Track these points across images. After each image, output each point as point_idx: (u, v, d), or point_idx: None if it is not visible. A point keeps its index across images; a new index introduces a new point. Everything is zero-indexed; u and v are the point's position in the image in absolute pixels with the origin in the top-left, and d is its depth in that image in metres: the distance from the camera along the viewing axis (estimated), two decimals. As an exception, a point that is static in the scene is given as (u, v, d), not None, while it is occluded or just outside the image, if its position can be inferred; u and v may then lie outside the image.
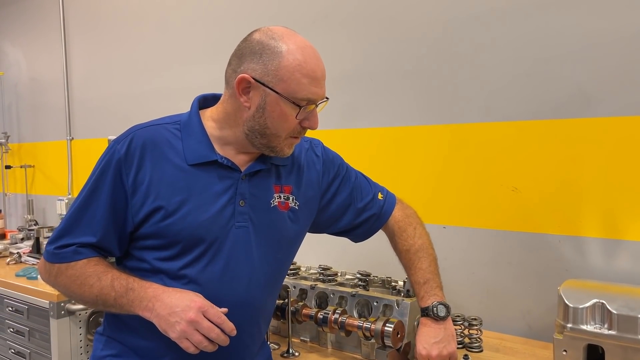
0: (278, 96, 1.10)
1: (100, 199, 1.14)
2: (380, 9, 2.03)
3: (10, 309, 2.40)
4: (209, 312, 1.04)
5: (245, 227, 1.18)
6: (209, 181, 1.16)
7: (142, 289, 1.08)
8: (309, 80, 1.11)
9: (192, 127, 1.19)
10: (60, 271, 1.14)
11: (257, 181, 1.22)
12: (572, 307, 1.37)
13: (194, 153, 1.16)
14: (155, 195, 1.13)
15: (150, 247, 1.15)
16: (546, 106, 1.69)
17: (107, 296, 1.09)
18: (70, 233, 1.15)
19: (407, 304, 1.48)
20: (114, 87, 3.09)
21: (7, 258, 2.78)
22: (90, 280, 1.11)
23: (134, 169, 1.13)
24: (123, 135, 1.17)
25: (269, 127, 1.13)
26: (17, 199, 3.84)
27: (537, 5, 1.69)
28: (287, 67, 1.09)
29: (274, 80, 1.09)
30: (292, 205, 1.27)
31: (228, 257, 1.16)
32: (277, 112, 1.11)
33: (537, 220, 1.72)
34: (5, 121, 3.87)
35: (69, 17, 3.40)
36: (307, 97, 1.11)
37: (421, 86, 1.94)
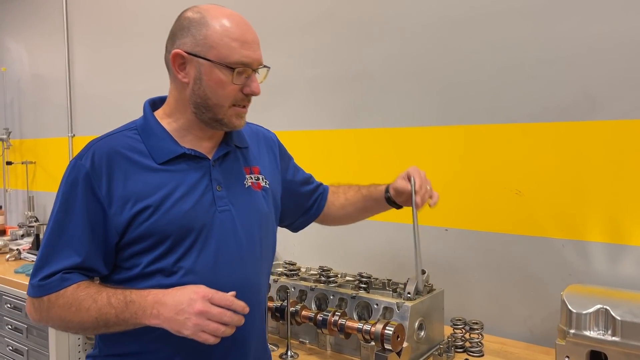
0: (211, 63, 1.12)
1: (75, 217, 1.10)
2: (385, 9, 2.01)
3: (8, 306, 2.39)
4: (214, 298, 1.03)
5: (228, 210, 1.20)
6: (183, 174, 1.17)
7: (142, 298, 1.06)
8: (238, 43, 1.13)
9: (151, 127, 1.20)
10: (50, 304, 1.09)
11: (227, 166, 1.25)
12: (575, 312, 1.35)
13: (161, 151, 1.17)
14: (135, 199, 1.12)
15: (141, 251, 1.13)
16: (551, 109, 1.67)
17: (108, 315, 1.05)
18: (51, 260, 1.10)
19: (407, 307, 1.47)
20: (116, 84, 3.08)
21: (7, 254, 2.77)
22: (86, 304, 1.06)
23: (105, 180, 1.12)
24: (83, 151, 1.16)
25: (210, 98, 1.15)
26: (18, 195, 3.84)
27: (543, 6, 1.67)
28: (215, 33, 1.12)
29: (205, 49, 1.12)
30: (263, 185, 1.31)
31: (218, 241, 1.18)
32: (214, 79, 1.13)
33: (541, 224, 1.70)
34: (7, 117, 3.87)
35: (72, 14, 3.39)
36: (239, 60, 1.13)
37: (425, 87, 1.93)
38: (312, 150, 2.25)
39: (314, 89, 2.24)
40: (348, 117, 2.14)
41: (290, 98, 2.33)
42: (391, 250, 2.04)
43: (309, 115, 2.27)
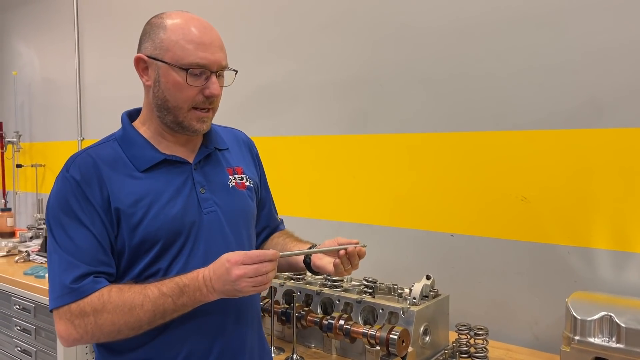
0: (167, 66, 1.14)
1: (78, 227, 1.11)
2: (391, 16, 2.03)
3: (17, 307, 2.42)
4: (245, 261, 1.06)
5: (214, 211, 1.21)
6: (166, 179, 1.19)
7: (194, 280, 1.08)
8: (194, 45, 1.13)
9: (130, 137, 1.22)
10: (97, 313, 1.07)
11: (209, 168, 1.26)
12: (580, 319, 1.36)
13: (142, 159, 1.19)
14: (122, 206, 1.13)
15: (134, 257, 1.15)
16: (557, 116, 1.68)
17: (165, 304, 1.07)
18: (73, 268, 1.09)
19: (413, 312, 1.47)
20: (126, 88, 3.11)
21: (16, 256, 2.80)
22: (138, 301, 1.07)
23: (96, 186, 1.13)
24: (67, 163, 1.17)
25: (169, 100, 1.16)
26: (27, 197, 3.87)
27: (550, 14, 1.68)
28: (170, 36, 1.14)
29: (161, 52, 1.14)
30: (247, 184, 1.32)
31: (206, 243, 1.19)
32: (170, 81, 1.14)
33: (546, 231, 1.71)
34: (17, 120, 3.91)
35: (82, 19, 3.43)
36: (194, 62, 1.13)
37: (432, 94, 1.94)
38: (319, 156, 2.27)
39: (321, 95, 2.26)
40: (355, 123, 2.15)
41: (298, 104, 2.35)
42: (397, 255, 2.05)
43: (316, 120, 2.28)
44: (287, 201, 2.34)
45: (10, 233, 3.23)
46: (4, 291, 2.48)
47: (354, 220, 2.17)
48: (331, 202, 2.24)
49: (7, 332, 2.50)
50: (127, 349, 1.18)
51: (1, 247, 2.91)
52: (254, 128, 2.42)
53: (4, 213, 3.24)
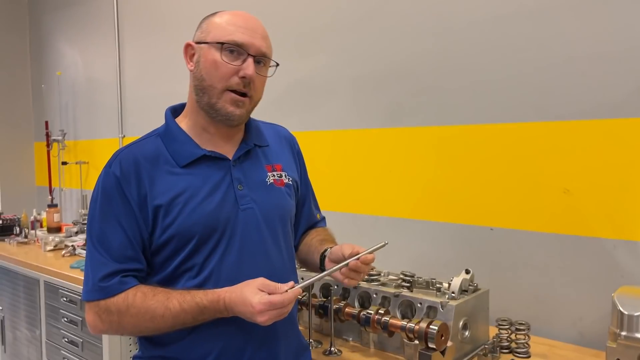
0: (207, 45, 1.19)
1: (114, 223, 1.15)
2: (428, 7, 2.00)
3: (64, 300, 2.50)
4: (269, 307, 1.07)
5: (251, 208, 1.23)
6: (205, 175, 1.21)
7: (214, 304, 1.11)
8: (235, 27, 1.18)
9: (172, 132, 1.24)
10: (121, 314, 1.13)
11: (248, 164, 1.28)
12: (627, 314, 1.32)
13: (183, 154, 1.21)
14: (159, 203, 1.16)
15: (170, 253, 1.18)
16: (602, 106, 1.62)
17: (185, 319, 1.12)
18: (103, 265, 1.15)
19: (452, 307, 1.45)
20: (164, 86, 3.17)
21: (63, 250, 2.90)
22: (159, 312, 1.11)
23: (134, 184, 1.16)
24: (111, 159, 1.21)
25: (205, 79, 1.19)
26: (72, 193, 4.01)
27: (593, 1, 1.62)
28: (216, 21, 1.21)
29: (205, 35, 1.21)
30: (286, 182, 1.33)
31: (242, 239, 1.21)
32: (209, 60, 1.18)
33: (590, 224, 1.65)
34: (62, 119, 4.04)
35: (123, 20, 3.52)
36: (231, 39, 1.17)
37: (470, 85, 1.90)
38: (356, 150, 2.26)
39: (357, 89, 2.25)
40: (392, 116, 2.14)
41: (334, 98, 2.34)
42: (435, 249, 2.02)
43: (352, 114, 2.27)
44: (323, 195, 2.33)
45: (57, 228, 3.34)
46: (51, 284, 2.58)
47: (392, 215, 2.16)
48: (368, 196, 2.23)
49: (55, 323, 2.59)
50: (167, 342, 1.21)
51: (49, 241, 3.01)
52: (290, 123, 2.42)
53: (51, 209, 3.35)
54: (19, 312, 2.89)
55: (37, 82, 4.37)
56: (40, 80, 4.31)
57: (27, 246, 3.17)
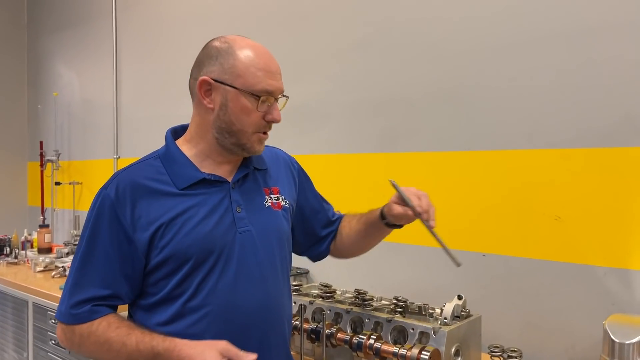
0: (237, 91, 1.17)
1: (101, 247, 1.16)
2: (422, 36, 2.04)
3: (53, 322, 2.47)
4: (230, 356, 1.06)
5: (249, 231, 1.23)
6: (203, 198, 1.21)
7: (168, 353, 1.09)
8: (263, 73, 1.18)
9: (172, 155, 1.25)
10: (83, 339, 1.15)
11: (247, 187, 1.28)
12: (618, 342, 1.32)
13: (182, 177, 1.21)
14: (158, 223, 1.16)
15: (165, 275, 1.17)
16: (592, 134, 1.65)
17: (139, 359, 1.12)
18: (80, 288, 1.16)
19: (444, 332, 1.45)
20: (161, 108, 3.20)
21: (53, 271, 2.87)
22: (116, 346, 1.12)
23: (129, 208, 1.16)
24: (108, 181, 1.22)
25: (235, 124, 1.19)
26: (65, 214, 3.98)
27: (583, 32, 1.66)
28: (242, 63, 1.18)
29: (232, 77, 1.17)
30: (283, 205, 1.34)
31: (239, 262, 1.20)
32: (239, 106, 1.18)
33: (581, 251, 1.67)
34: (57, 140, 4.05)
35: (121, 42, 3.55)
36: (264, 89, 1.18)
37: (463, 112, 1.93)
38: (350, 174, 2.28)
39: (352, 114, 2.27)
40: (386, 141, 2.16)
41: (328, 122, 2.37)
42: (428, 274, 2.02)
43: (347, 139, 2.29)
44: (317, 219, 2.34)
45: (48, 249, 3.32)
46: (40, 305, 2.55)
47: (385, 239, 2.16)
48: (361, 220, 2.23)
49: (43, 345, 2.55)
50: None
51: (39, 262, 2.99)
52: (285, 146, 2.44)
53: (42, 229, 3.33)
54: (6, 334, 2.85)
55: (33, 103, 4.38)
56: (36, 100, 4.33)
57: (17, 267, 3.15)
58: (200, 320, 1.17)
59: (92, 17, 3.78)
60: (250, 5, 2.70)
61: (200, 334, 1.16)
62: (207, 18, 2.92)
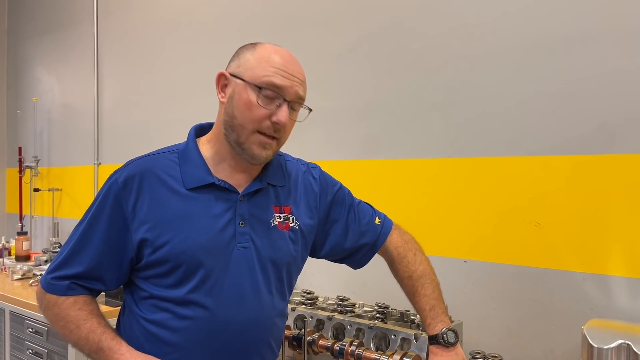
0: (244, 83, 1.14)
1: (98, 229, 1.16)
2: (405, 44, 2.06)
3: (30, 330, 2.43)
4: None
5: (248, 248, 1.18)
6: (208, 204, 1.17)
7: (110, 353, 1.11)
8: (275, 70, 1.13)
9: (189, 153, 1.21)
10: (48, 306, 1.18)
11: (256, 202, 1.22)
12: (596, 347, 1.33)
13: (192, 177, 1.18)
14: (155, 222, 1.14)
15: (153, 276, 1.16)
16: (571, 142, 1.68)
17: (84, 347, 1.15)
18: (67, 264, 1.17)
19: (425, 339, 1.46)
20: (142, 114, 3.17)
21: (31, 279, 2.82)
22: (70, 326, 1.15)
23: (133, 197, 1.15)
24: (121, 167, 1.20)
25: (236, 117, 1.14)
26: (44, 221, 3.92)
27: (559, 41, 1.69)
28: (256, 58, 1.15)
29: (243, 70, 1.15)
30: (292, 225, 1.26)
31: (232, 278, 1.16)
32: (243, 99, 1.13)
33: (561, 257, 1.69)
34: (36, 145, 3.99)
35: (102, 47, 3.52)
36: (270, 82, 1.12)
37: (445, 119, 1.95)
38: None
39: (335, 121, 2.28)
40: (368, 148, 2.17)
41: (311, 129, 2.37)
42: (409, 281, 2.03)
43: (329, 145, 2.30)
44: (299, 226, 2.34)
45: (26, 256, 3.26)
46: (17, 314, 2.50)
47: (367, 246, 2.17)
48: (343, 227, 2.23)
49: (20, 355, 2.50)
50: None
51: (16, 270, 2.93)
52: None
53: (20, 237, 3.27)
54: (-19, 343, 2.79)
55: (12, 108, 4.32)
56: (15, 105, 4.27)
57: (-6, 274, 3.09)
58: (185, 329, 1.14)
59: (73, 22, 3.74)
60: (232, 11, 2.69)
61: (182, 343, 1.15)
62: (188, 24, 2.91)
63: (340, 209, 1.38)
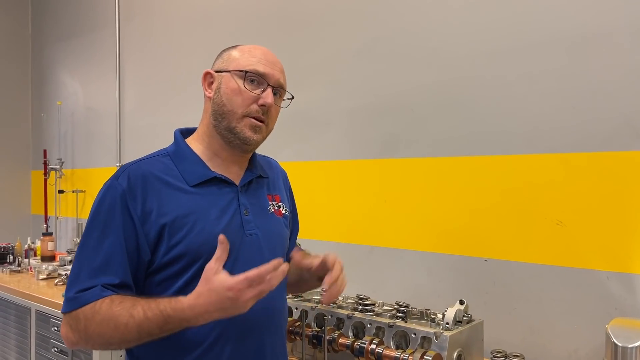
0: (229, 73, 1.23)
1: (113, 235, 1.13)
2: (423, 42, 2.05)
3: (55, 329, 2.47)
4: (250, 284, 1.02)
5: (255, 234, 1.25)
6: (213, 197, 1.22)
7: (179, 312, 1.04)
8: (257, 59, 1.23)
9: (182, 152, 1.26)
10: (87, 321, 1.08)
11: (253, 192, 1.30)
12: (621, 346, 1.31)
13: (193, 174, 1.22)
14: (168, 220, 1.15)
15: (173, 274, 1.16)
16: (593, 138, 1.65)
17: (150, 328, 1.05)
18: (89, 276, 1.11)
19: (446, 337, 1.45)
20: (163, 115, 3.21)
21: (56, 279, 2.88)
22: (123, 319, 1.06)
23: (140, 199, 1.15)
24: (118, 172, 1.20)
25: (225, 104, 1.22)
26: (68, 222, 4.00)
27: (580, 36, 1.67)
28: (238, 52, 1.26)
29: (227, 63, 1.25)
30: (284, 212, 1.37)
31: (246, 264, 1.16)
32: (230, 87, 1.22)
33: (583, 255, 1.66)
34: (60, 148, 4.06)
35: (123, 51, 3.58)
36: (254, 69, 1.22)
37: (463, 117, 1.94)
38: (351, 180, 2.28)
39: (353, 120, 2.28)
40: (387, 147, 2.16)
41: (330, 129, 2.38)
42: (430, 280, 2.02)
43: (348, 145, 2.30)
44: (319, 225, 2.35)
45: (51, 257, 3.32)
46: (43, 313, 2.55)
47: (387, 245, 2.17)
48: (363, 226, 2.23)
49: (45, 353, 2.55)
50: None
51: (42, 270, 2.99)
52: (286, 153, 2.46)
53: (45, 237, 3.33)
54: (9, 341, 2.85)
55: (37, 111, 4.41)
56: (40, 109, 4.36)
57: (20, 275, 3.16)
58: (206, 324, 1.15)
59: (95, 26, 3.81)
60: (250, 12, 2.71)
61: (203, 334, 1.16)
62: (208, 26, 2.94)
63: (295, 213, 1.50)
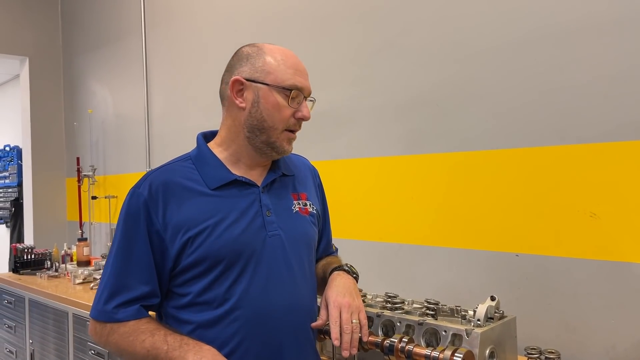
0: (269, 87, 1.21)
1: (140, 244, 1.17)
2: (447, 35, 2.02)
3: (92, 332, 2.52)
4: None
5: (278, 235, 1.24)
6: (234, 199, 1.23)
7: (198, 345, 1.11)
8: (293, 70, 1.23)
9: (204, 156, 1.27)
10: (112, 330, 1.16)
11: (276, 192, 1.30)
12: (660, 341, 1.27)
13: (214, 177, 1.23)
14: (189, 224, 1.17)
15: (194, 277, 1.18)
16: (626, 127, 1.60)
17: (159, 350, 1.11)
18: (124, 288, 1.17)
19: (477, 334, 1.42)
20: (190, 121, 3.26)
21: (91, 283, 2.94)
22: (143, 336, 1.13)
23: (161, 207, 1.18)
24: (140, 181, 1.23)
25: (266, 120, 1.21)
26: (101, 227, 4.09)
27: (611, 23, 1.62)
28: (272, 61, 1.22)
29: (263, 75, 1.21)
30: (311, 210, 1.35)
31: (269, 265, 1.21)
32: (271, 102, 1.21)
33: (619, 248, 1.61)
34: (92, 155, 4.16)
35: (150, 58, 3.64)
36: (294, 84, 1.22)
37: (490, 110, 1.90)
38: (378, 177, 2.27)
39: (379, 117, 2.27)
40: (413, 143, 2.14)
41: (355, 126, 2.37)
42: (459, 276, 1.99)
43: (374, 142, 2.29)
44: (347, 224, 2.34)
45: (86, 262, 3.40)
46: (80, 316, 2.61)
47: (415, 242, 2.15)
48: (392, 223, 2.22)
49: (83, 356, 2.61)
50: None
51: (78, 274, 3.06)
52: (314, 152, 2.46)
53: (80, 243, 3.41)
54: (48, 345, 2.93)
55: (69, 120, 4.53)
56: (72, 118, 4.47)
57: (58, 279, 3.23)
58: (231, 324, 1.18)
59: (122, 35, 3.89)
60: (272, 13, 2.72)
61: (229, 338, 1.17)
62: (232, 31, 2.97)
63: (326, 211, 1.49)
